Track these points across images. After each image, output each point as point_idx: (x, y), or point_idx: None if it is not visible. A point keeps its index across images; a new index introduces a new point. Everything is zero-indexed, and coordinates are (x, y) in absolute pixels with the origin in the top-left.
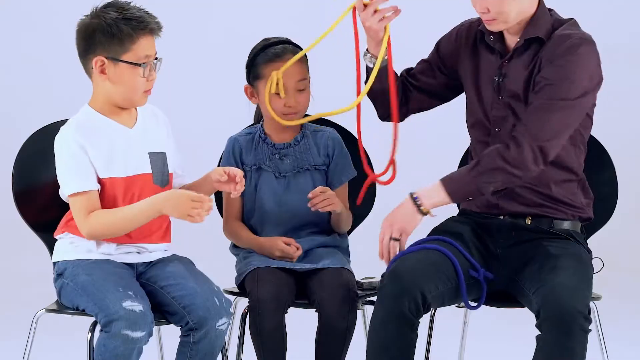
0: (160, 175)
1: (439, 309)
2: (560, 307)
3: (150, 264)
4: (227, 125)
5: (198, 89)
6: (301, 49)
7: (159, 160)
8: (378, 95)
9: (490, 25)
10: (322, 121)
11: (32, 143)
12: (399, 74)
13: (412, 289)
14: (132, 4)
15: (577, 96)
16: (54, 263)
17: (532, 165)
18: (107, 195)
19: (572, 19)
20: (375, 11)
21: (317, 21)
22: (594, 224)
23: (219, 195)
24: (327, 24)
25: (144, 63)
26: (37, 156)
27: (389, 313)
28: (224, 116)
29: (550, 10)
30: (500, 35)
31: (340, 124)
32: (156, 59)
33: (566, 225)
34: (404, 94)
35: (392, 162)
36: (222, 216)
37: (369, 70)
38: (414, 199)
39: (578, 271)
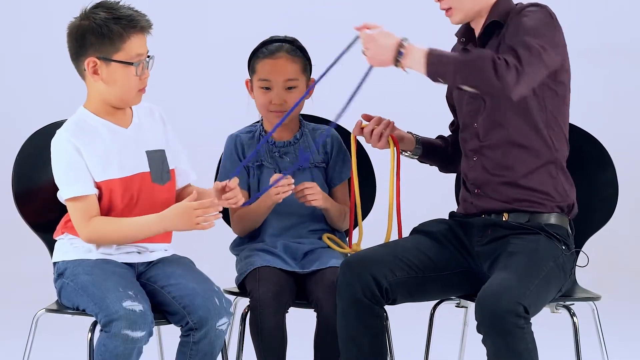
0: (159, 173)
1: (439, 308)
2: (489, 311)
3: (150, 264)
4: (226, 125)
5: (197, 89)
6: (304, 49)
7: (157, 158)
8: (439, 168)
9: (449, 17)
10: (319, 120)
11: (32, 143)
12: (444, 135)
13: (362, 275)
14: (121, 3)
15: (536, 44)
16: (54, 263)
17: (512, 84)
18: (106, 197)
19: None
20: (372, 131)
21: (317, 21)
22: (594, 224)
23: None
24: (327, 23)
25: (136, 62)
26: (37, 156)
27: (345, 302)
28: (224, 116)
29: (517, 4)
30: (471, 34)
31: (338, 123)
32: (148, 57)
33: (545, 218)
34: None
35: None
36: (224, 219)
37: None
38: (399, 50)
39: (523, 268)
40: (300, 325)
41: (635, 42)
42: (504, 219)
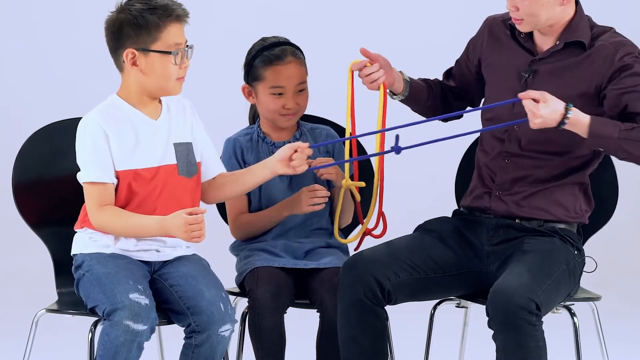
0: (185, 165)
1: (439, 309)
2: (502, 306)
3: (167, 261)
4: (225, 125)
5: (196, 89)
6: (300, 49)
7: (184, 150)
8: (416, 111)
9: (518, 25)
10: (317, 119)
11: (33, 142)
12: (432, 79)
13: (364, 276)
14: None
15: None
16: (73, 255)
17: None
18: (126, 185)
19: (612, 27)
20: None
21: (316, 20)
22: (594, 224)
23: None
24: (326, 23)
25: (174, 51)
26: (37, 155)
27: (347, 302)
28: (222, 116)
29: (587, 17)
30: (530, 34)
31: (336, 122)
32: (187, 46)
33: (557, 225)
34: (444, 102)
35: (380, 214)
36: (224, 219)
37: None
38: (564, 120)
39: (536, 267)
40: (301, 326)
41: (635, 42)
42: (517, 221)
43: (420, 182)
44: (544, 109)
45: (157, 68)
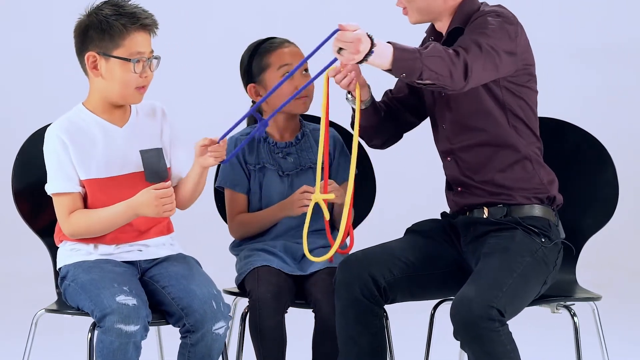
0: (154, 172)
1: (439, 309)
2: (462, 319)
3: (155, 262)
4: (225, 125)
5: (196, 89)
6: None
7: (152, 157)
8: (366, 131)
9: (408, 17)
10: (319, 120)
11: (32, 143)
12: (381, 96)
13: (360, 274)
14: (128, 2)
15: (489, 46)
16: (59, 269)
17: (462, 78)
18: (95, 195)
19: (499, 4)
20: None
21: (316, 21)
22: (594, 224)
23: (220, 197)
24: (326, 24)
25: (134, 59)
26: (37, 156)
27: (344, 301)
28: (222, 116)
29: (481, 6)
30: (440, 36)
31: (339, 124)
32: (155, 57)
33: (526, 211)
34: (393, 117)
35: (346, 232)
36: (223, 218)
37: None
38: (371, 38)
39: (495, 270)
40: (300, 326)
41: (635, 42)
42: (484, 216)
43: (411, 184)
44: (348, 35)
45: (116, 74)
